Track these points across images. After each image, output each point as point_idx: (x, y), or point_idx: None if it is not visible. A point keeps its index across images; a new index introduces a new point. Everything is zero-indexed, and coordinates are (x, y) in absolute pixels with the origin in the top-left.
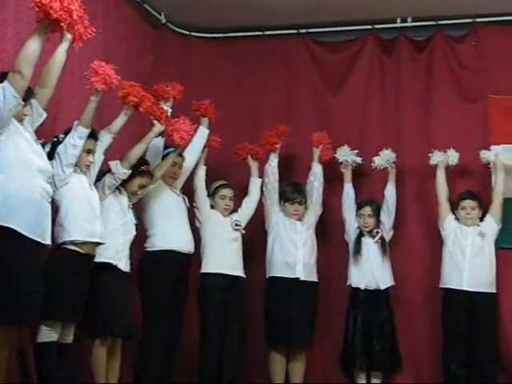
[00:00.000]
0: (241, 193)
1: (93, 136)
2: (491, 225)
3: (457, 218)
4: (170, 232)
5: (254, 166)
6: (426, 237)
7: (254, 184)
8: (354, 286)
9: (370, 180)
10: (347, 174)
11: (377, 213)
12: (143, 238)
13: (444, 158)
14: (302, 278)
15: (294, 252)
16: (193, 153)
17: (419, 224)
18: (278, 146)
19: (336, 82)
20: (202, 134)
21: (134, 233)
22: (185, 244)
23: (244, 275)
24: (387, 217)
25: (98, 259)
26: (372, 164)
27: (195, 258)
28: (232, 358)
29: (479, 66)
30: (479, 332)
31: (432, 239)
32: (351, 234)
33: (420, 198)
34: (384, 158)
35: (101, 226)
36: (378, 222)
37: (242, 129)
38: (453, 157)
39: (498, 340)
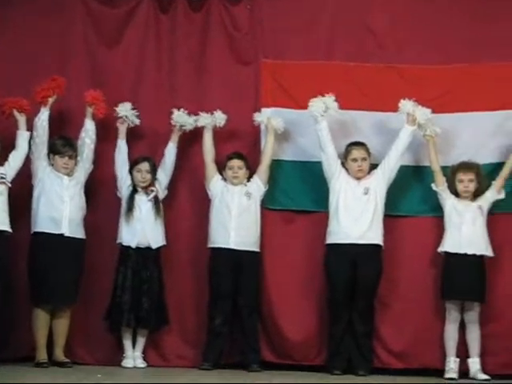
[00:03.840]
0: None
1: None
2: (258, 185)
3: (224, 179)
4: None
5: (21, 119)
6: (195, 197)
7: (22, 137)
8: (124, 244)
9: (145, 138)
10: (122, 130)
11: (154, 170)
12: None
13: (211, 120)
14: (67, 234)
15: (60, 207)
16: None
17: (189, 184)
18: (50, 99)
19: (111, 37)
20: None
21: None
22: None
23: (10, 230)
24: (164, 175)
25: None
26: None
27: None
28: None
29: (253, 29)
30: (244, 289)
31: (201, 199)
32: (124, 190)
33: (191, 158)
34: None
35: None
36: (154, 180)
37: (15, 80)
38: (220, 119)
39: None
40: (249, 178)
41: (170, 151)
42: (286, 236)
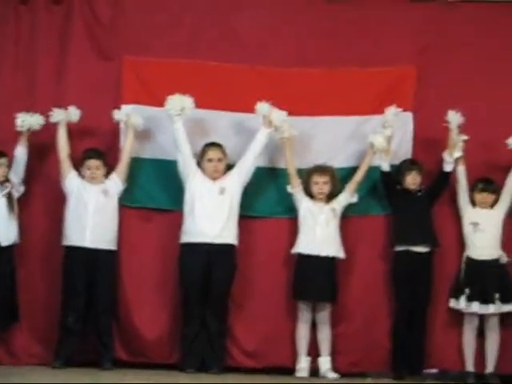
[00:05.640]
0: None
1: None
2: (116, 183)
3: (81, 175)
4: None
5: None
6: (49, 193)
7: None
8: None
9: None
10: None
11: (10, 165)
12: None
13: (65, 116)
14: None
15: None
16: None
17: (43, 181)
18: None
19: None
20: None
21: None
22: None
23: None
24: (14, 174)
25: None
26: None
27: None
28: None
29: (115, 25)
30: (99, 287)
31: (56, 196)
32: None
33: (46, 154)
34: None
35: None
36: (9, 176)
37: None
38: (74, 114)
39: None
40: (107, 175)
41: (20, 155)
42: (142, 234)
